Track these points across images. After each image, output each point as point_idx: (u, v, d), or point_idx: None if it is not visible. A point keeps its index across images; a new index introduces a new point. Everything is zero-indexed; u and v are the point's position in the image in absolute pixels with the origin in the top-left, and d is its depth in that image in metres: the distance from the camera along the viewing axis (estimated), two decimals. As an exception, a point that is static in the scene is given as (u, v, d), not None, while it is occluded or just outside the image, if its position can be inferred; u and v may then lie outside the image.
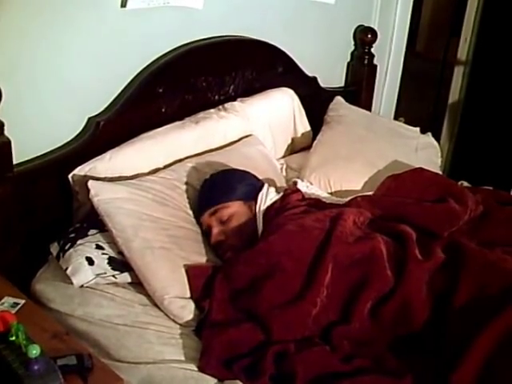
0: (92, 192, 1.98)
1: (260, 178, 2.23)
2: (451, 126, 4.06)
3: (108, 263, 1.96)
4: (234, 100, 2.58)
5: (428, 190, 2.21)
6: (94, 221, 2.04)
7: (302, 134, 2.80)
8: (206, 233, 2.07)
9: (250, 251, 1.87)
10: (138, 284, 1.94)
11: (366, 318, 1.73)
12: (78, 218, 2.14)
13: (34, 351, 1.38)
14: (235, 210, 2.05)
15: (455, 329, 1.65)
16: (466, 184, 2.55)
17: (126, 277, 1.97)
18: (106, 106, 2.25)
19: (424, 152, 2.75)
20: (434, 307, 1.72)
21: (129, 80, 2.29)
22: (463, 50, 3.88)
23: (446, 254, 1.85)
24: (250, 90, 2.66)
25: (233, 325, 1.76)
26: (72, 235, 2.01)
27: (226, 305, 1.81)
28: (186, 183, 2.18)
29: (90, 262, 1.93)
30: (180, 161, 2.29)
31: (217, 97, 2.57)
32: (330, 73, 3.12)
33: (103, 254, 1.97)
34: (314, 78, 2.97)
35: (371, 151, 2.59)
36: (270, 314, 1.74)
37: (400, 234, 1.92)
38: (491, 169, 3.67)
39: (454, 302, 1.70)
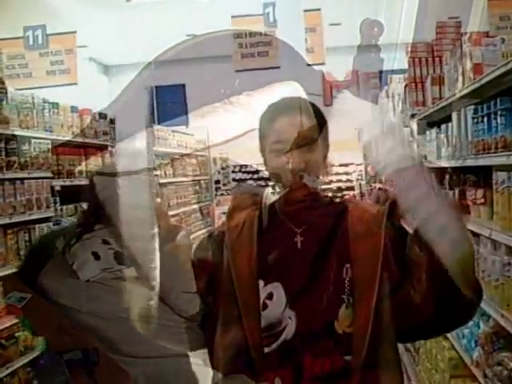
0: (97, 187, 1.98)
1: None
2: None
3: (114, 258, 1.96)
4: (240, 93, 2.57)
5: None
6: (100, 215, 2.04)
7: (308, 128, 2.78)
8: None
9: None
10: (144, 278, 1.94)
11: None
12: (84, 212, 2.14)
13: (40, 346, 1.38)
14: None
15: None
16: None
17: (132, 271, 1.97)
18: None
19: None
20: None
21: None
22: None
23: None
24: (256, 83, 2.65)
25: (237, 319, 1.75)
26: (78, 230, 2.02)
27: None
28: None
29: (96, 256, 1.93)
30: (186, 154, 2.28)
31: (222, 90, 2.56)
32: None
33: (109, 248, 1.97)
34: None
35: (378, 145, 2.58)
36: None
37: None
38: None
39: None
